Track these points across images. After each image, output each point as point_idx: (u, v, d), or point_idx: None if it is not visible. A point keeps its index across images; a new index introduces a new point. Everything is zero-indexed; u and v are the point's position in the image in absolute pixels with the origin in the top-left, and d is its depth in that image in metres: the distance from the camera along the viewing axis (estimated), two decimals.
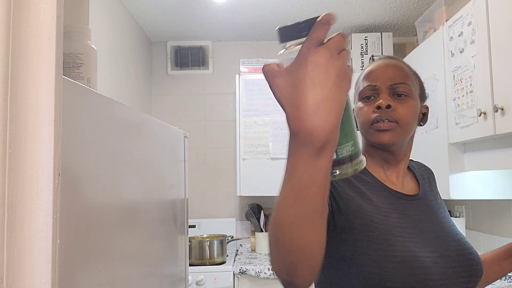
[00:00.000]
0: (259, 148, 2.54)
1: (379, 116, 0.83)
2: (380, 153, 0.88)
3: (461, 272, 0.78)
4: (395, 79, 0.85)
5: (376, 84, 0.85)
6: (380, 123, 0.83)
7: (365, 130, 0.86)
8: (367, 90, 0.86)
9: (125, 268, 0.80)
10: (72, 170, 0.59)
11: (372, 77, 0.86)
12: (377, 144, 0.86)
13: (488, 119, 1.37)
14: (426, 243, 0.80)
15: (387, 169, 0.89)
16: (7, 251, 0.41)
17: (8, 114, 0.41)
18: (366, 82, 0.86)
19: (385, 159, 0.89)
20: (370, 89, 0.85)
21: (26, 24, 0.43)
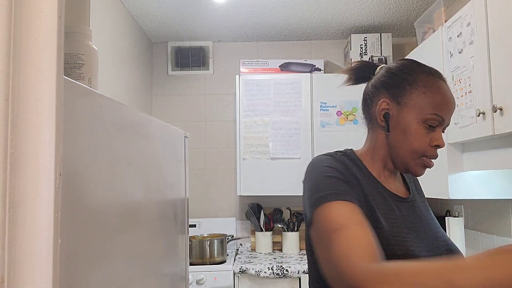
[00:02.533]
0: (259, 148, 2.54)
1: (434, 155, 0.83)
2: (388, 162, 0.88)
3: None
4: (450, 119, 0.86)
5: (444, 118, 0.83)
6: (430, 162, 0.83)
7: (412, 157, 0.83)
8: (435, 120, 0.82)
9: (126, 268, 0.81)
10: (73, 170, 0.60)
11: (444, 109, 0.82)
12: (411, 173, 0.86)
13: (487, 119, 1.37)
14: (421, 243, 0.81)
15: (386, 172, 0.90)
16: (8, 251, 0.41)
17: (9, 114, 0.42)
18: (438, 110, 0.82)
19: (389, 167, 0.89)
20: (438, 121, 0.82)
21: (27, 24, 0.43)
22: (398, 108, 0.84)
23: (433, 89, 0.83)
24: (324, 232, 0.72)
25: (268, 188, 2.53)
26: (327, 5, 2.38)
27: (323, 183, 0.79)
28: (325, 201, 0.75)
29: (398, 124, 0.84)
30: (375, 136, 0.89)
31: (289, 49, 2.94)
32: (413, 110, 0.82)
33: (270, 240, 2.65)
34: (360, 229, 0.70)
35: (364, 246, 0.66)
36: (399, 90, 0.84)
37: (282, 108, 2.55)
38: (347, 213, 0.73)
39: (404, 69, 0.86)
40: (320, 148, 2.51)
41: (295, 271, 2.20)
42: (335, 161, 0.84)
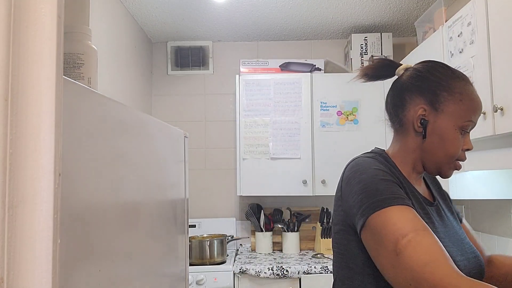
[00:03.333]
0: (259, 148, 2.54)
1: (464, 158, 0.86)
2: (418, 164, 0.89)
3: (477, 273, 0.83)
4: None
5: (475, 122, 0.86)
6: (460, 165, 0.86)
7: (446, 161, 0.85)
8: (469, 126, 0.85)
9: (125, 268, 0.80)
10: (72, 170, 0.60)
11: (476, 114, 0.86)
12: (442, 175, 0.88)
13: (488, 119, 1.37)
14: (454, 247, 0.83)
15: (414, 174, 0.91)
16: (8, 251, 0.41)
17: (8, 114, 0.42)
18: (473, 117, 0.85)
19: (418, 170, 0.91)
20: (470, 126, 0.86)
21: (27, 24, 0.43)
22: (435, 114, 0.85)
23: (468, 95, 0.85)
24: (389, 238, 0.72)
25: (268, 188, 2.53)
26: (327, 5, 2.38)
27: (379, 186, 0.78)
28: (386, 205, 0.75)
29: (435, 130, 0.85)
30: (406, 140, 0.89)
31: (289, 49, 2.94)
32: (451, 117, 0.84)
33: (270, 240, 2.65)
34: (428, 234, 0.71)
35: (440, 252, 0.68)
36: (436, 96, 0.85)
37: (282, 108, 2.55)
38: (411, 218, 0.73)
39: (437, 73, 0.87)
40: (320, 148, 2.51)
41: (295, 272, 2.20)
42: (381, 164, 0.85)
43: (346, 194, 0.84)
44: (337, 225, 0.90)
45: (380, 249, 0.74)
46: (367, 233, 0.77)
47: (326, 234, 2.58)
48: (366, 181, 0.80)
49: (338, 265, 0.90)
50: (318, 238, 2.64)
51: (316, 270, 2.21)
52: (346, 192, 0.84)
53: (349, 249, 0.85)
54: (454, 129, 0.83)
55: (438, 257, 0.67)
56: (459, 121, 0.83)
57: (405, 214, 0.73)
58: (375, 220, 0.74)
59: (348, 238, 0.85)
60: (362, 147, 2.58)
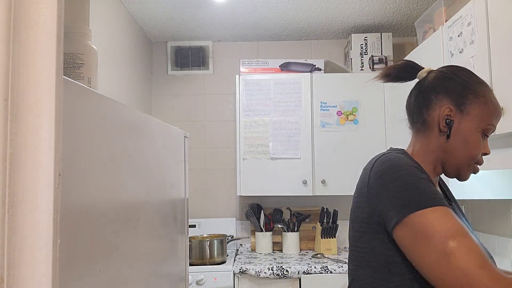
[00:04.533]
0: (259, 148, 2.54)
1: (482, 163, 0.88)
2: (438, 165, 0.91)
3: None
4: None
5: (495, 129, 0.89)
6: (478, 168, 0.88)
7: (467, 164, 0.87)
8: (490, 130, 0.88)
9: (125, 268, 0.80)
10: (72, 170, 0.60)
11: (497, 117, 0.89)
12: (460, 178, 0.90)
13: None
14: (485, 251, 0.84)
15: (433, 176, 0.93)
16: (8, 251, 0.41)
17: (8, 114, 0.42)
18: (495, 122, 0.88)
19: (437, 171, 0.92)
20: (491, 130, 0.88)
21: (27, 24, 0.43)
22: (461, 115, 0.87)
23: (491, 100, 0.88)
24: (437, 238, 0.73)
25: (268, 188, 2.53)
26: (327, 5, 2.38)
27: (420, 185, 0.79)
28: (429, 205, 0.76)
29: (459, 131, 0.87)
30: (429, 140, 0.90)
31: (289, 49, 2.94)
32: (475, 119, 0.86)
33: (270, 240, 2.65)
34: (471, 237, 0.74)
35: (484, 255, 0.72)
36: (463, 98, 0.87)
37: (282, 108, 2.55)
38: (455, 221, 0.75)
39: (463, 76, 0.89)
40: (320, 148, 2.51)
41: (295, 272, 2.20)
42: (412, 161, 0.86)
43: (376, 190, 0.83)
44: (358, 222, 0.89)
45: (425, 248, 0.74)
46: (405, 231, 0.77)
47: (326, 234, 2.58)
48: (405, 178, 0.80)
49: (357, 264, 0.89)
50: (318, 238, 2.64)
51: (316, 270, 2.21)
52: (377, 187, 0.83)
53: (372, 247, 0.85)
54: (477, 131, 0.86)
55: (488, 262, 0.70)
56: (483, 124, 0.86)
57: (450, 216, 0.75)
58: (417, 219, 0.75)
59: (373, 235, 0.84)
60: (362, 147, 2.59)
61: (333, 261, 2.36)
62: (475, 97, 0.86)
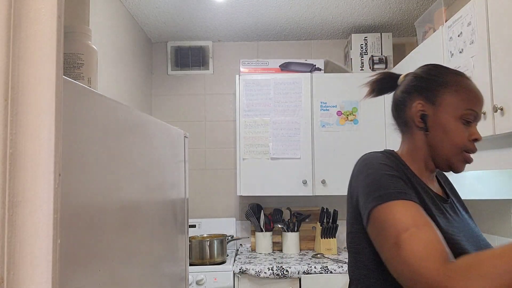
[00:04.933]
0: (259, 148, 2.54)
1: (474, 149, 0.86)
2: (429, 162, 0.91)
3: None
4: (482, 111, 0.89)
5: (478, 113, 0.87)
6: (470, 157, 0.87)
7: (454, 153, 0.87)
8: (470, 115, 0.86)
9: (125, 268, 0.80)
10: (72, 170, 0.60)
11: (478, 105, 0.87)
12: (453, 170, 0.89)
13: (488, 119, 1.37)
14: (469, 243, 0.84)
15: (427, 173, 0.93)
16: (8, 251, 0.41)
17: (8, 114, 0.42)
18: (473, 106, 0.87)
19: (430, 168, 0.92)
20: (473, 116, 0.87)
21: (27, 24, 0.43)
22: (434, 108, 0.88)
23: (464, 86, 0.87)
24: (391, 231, 0.74)
25: (268, 188, 2.53)
26: (327, 5, 2.38)
27: (384, 180, 0.80)
28: (389, 199, 0.77)
29: (436, 123, 0.88)
30: (413, 138, 0.92)
31: (289, 49, 2.94)
32: (449, 108, 0.87)
33: (270, 240, 2.65)
34: (429, 229, 0.72)
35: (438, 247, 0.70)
36: (432, 91, 0.89)
37: (282, 108, 2.55)
38: (414, 213, 0.75)
39: (433, 72, 0.91)
40: (320, 148, 2.51)
41: (295, 272, 2.20)
42: (388, 159, 0.87)
43: (355, 189, 0.87)
44: (348, 223, 0.91)
45: (383, 242, 0.76)
46: (371, 226, 0.79)
47: (326, 234, 2.58)
48: (373, 175, 0.82)
49: (353, 265, 0.91)
50: (318, 238, 2.64)
51: (316, 270, 2.21)
52: (355, 187, 0.87)
53: (363, 248, 0.86)
54: (454, 119, 0.86)
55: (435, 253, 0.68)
56: (458, 111, 0.86)
57: (408, 209, 0.75)
58: (378, 213, 0.76)
59: (362, 235, 0.86)
60: (362, 147, 2.59)
61: (333, 261, 2.36)
62: (445, 87, 0.88)
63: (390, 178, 0.81)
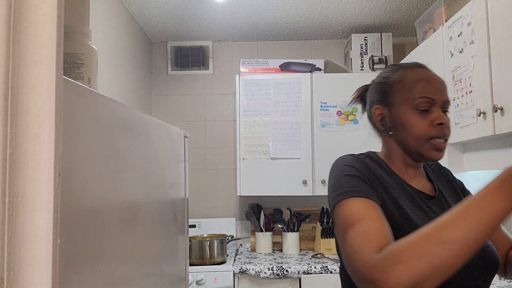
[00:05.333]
0: (259, 148, 2.54)
1: (440, 133, 0.85)
2: (406, 158, 0.92)
3: (479, 264, 0.81)
4: (446, 96, 0.88)
5: (434, 98, 0.86)
6: (440, 142, 0.86)
7: (420, 144, 0.87)
8: (424, 103, 0.86)
9: (125, 268, 0.80)
10: (72, 170, 0.60)
11: (429, 90, 0.87)
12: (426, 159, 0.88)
13: (488, 119, 1.37)
14: None
15: (410, 170, 0.93)
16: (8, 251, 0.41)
17: (8, 114, 0.42)
18: (423, 93, 0.86)
19: (411, 165, 0.93)
20: (428, 102, 0.86)
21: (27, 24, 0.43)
22: (389, 108, 0.91)
23: (408, 77, 0.89)
24: (341, 227, 0.76)
25: (268, 188, 2.53)
26: (327, 5, 2.38)
27: (342, 181, 0.83)
28: (343, 198, 0.79)
29: (394, 122, 0.90)
30: (385, 140, 0.96)
31: (289, 49, 2.94)
32: (400, 103, 0.89)
33: (270, 240, 2.65)
34: (374, 223, 0.73)
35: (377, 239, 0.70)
36: (384, 93, 0.93)
37: (282, 108, 2.55)
38: (363, 209, 0.76)
39: (383, 75, 0.95)
40: (320, 148, 2.51)
41: (295, 272, 2.20)
42: (355, 160, 0.89)
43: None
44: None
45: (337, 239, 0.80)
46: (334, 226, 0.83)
47: (326, 234, 2.58)
48: (335, 177, 0.86)
49: (341, 266, 0.94)
50: (318, 238, 2.64)
51: (316, 270, 2.21)
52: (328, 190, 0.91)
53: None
54: (408, 112, 0.87)
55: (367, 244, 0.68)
56: (409, 103, 0.87)
57: (359, 205, 0.77)
58: (335, 212, 0.80)
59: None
60: (362, 147, 2.58)
61: (333, 261, 2.36)
62: (392, 85, 0.91)
63: (348, 178, 0.83)
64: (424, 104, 0.86)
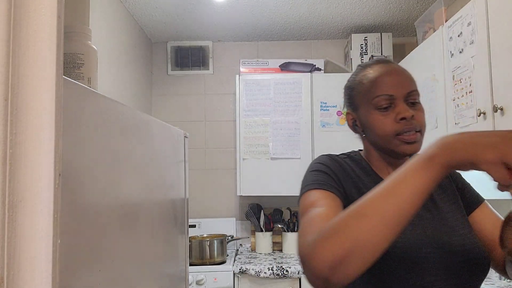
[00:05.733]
0: (259, 148, 2.54)
1: (406, 128, 0.83)
2: (385, 157, 0.91)
3: (465, 267, 0.79)
4: (409, 87, 0.85)
5: (393, 94, 0.84)
6: (408, 135, 0.84)
7: (388, 141, 0.85)
8: (383, 100, 0.84)
9: (125, 268, 0.80)
10: (72, 170, 0.60)
11: (385, 86, 0.85)
12: (400, 155, 0.86)
13: (488, 119, 1.37)
14: (429, 240, 0.81)
15: (390, 168, 0.92)
16: (8, 251, 0.41)
17: (8, 114, 0.42)
18: (379, 91, 0.85)
19: (392, 163, 0.92)
20: (386, 99, 0.84)
21: (27, 24, 0.43)
22: (357, 112, 0.92)
23: (366, 77, 0.89)
24: (299, 217, 0.77)
25: (268, 188, 2.52)
26: (327, 5, 2.38)
27: (308, 177, 0.85)
28: (304, 191, 0.81)
29: (363, 124, 0.91)
30: (363, 143, 0.97)
31: (289, 49, 2.94)
32: (363, 105, 0.89)
33: (270, 240, 2.65)
34: (324, 210, 0.73)
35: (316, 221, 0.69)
36: (350, 98, 0.93)
37: (282, 108, 2.55)
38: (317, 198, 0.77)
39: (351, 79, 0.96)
40: (320, 148, 2.51)
41: (295, 272, 2.20)
42: (329, 159, 0.90)
43: None
44: None
45: None
46: None
47: None
48: (304, 175, 0.88)
49: None
50: None
51: None
52: None
53: None
54: (370, 113, 0.87)
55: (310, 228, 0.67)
56: (369, 104, 0.87)
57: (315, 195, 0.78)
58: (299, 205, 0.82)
59: None
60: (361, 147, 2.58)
61: None
62: (353, 89, 0.91)
63: (314, 173, 0.85)
64: (382, 102, 0.84)
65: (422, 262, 0.77)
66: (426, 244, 0.79)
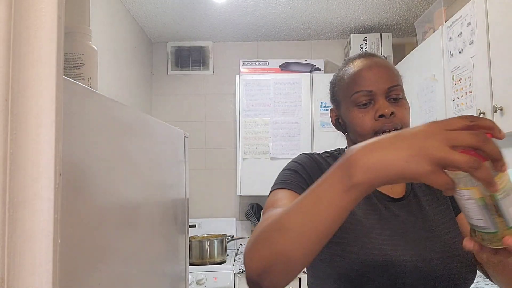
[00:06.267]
0: (259, 148, 2.54)
1: (385, 126, 0.77)
2: None
3: (444, 276, 0.74)
4: (390, 82, 0.79)
5: (372, 89, 0.79)
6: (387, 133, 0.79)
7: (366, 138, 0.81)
8: (362, 97, 0.79)
9: (126, 268, 0.80)
10: (73, 170, 0.60)
11: (364, 82, 0.79)
12: None
13: None
14: (408, 246, 0.76)
15: None
16: (8, 251, 0.41)
17: (9, 114, 0.42)
18: (358, 87, 0.80)
19: None
20: (365, 95, 0.79)
21: (27, 24, 0.43)
22: (339, 109, 0.89)
23: (348, 71, 0.85)
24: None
25: (268, 188, 2.51)
26: (327, 5, 2.38)
27: (280, 176, 0.85)
28: (271, 190, 0.81)
29: (344, 121, 0.87)
30: (347, 141, 0.93)
31: (289, 49, 2.94)
32: (343, 101, 0.85)
33: None
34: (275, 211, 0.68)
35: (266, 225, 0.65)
36: (332, 94, 0.92)
37: (282, 108, 2.55)
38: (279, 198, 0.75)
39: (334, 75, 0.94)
40: (320, 148, 2.51)
41: None
42: (306, 158, 0.88)
43: None
44: None
45: None
46: None
47: None
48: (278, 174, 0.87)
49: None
50: None
51: None
52: None
53: None
54: (350, 110, 0.83)
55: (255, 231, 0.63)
56: (349, 101, 0.82)
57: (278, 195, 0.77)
58: None
59: None
60: None
61: None
62: (335, 85, 0.90)
63: (286, 172, 0.84)
64: (361, 98, 0.79)
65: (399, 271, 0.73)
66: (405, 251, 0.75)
